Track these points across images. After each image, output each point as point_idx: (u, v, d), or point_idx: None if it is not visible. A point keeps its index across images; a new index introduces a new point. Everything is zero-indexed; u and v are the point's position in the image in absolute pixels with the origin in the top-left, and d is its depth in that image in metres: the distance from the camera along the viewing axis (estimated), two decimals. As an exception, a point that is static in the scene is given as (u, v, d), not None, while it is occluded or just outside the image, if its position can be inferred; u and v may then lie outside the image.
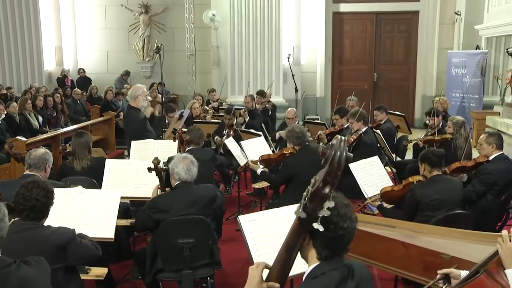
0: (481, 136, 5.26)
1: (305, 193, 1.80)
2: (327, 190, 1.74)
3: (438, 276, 2.55)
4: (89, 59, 14.65)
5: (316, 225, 1.81)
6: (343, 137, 1.77)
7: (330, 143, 1.78)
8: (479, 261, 2.38)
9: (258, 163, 5.73)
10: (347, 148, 1.76)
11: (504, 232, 2.31)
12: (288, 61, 11.13)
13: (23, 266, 2.37)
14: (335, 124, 7.40)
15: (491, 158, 5.05)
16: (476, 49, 12.27)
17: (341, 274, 1.96)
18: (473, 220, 4.35)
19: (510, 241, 2.23)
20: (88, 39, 14.63)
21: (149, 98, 7.03)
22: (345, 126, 7.10)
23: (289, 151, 5.43)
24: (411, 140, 7.30)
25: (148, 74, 14.40)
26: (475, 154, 5.69)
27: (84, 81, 14.07)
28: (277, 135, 7.93)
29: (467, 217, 4.32)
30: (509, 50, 6.56)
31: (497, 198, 4.88)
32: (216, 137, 7.77)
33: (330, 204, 1.75)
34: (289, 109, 8.08)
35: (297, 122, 7.69)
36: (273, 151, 6.30)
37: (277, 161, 5.74)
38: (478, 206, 4.90)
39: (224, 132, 7.58)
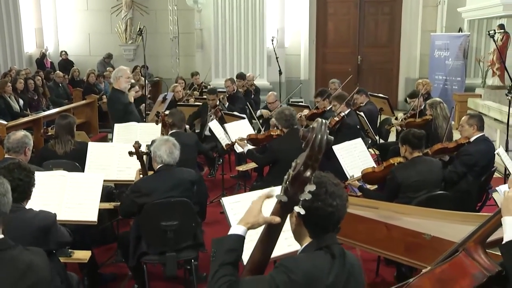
0: (462, 118, 5.31)
1: (286, 177, 1.80)
2: (308, 173, 1.74)
3: None
4: (71, 41, 14.44)
5: (297, 208, 1.81)
6: (324, 120, 1.77)
7: (311, 126, 1.77)
8: (458, 240, 2.42)
9: (246, 141, 5.72)
10: (328, 131, 1.75)
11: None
12: (272, 43, 11.08)
13: (27, 252, 2.34)
14: (318, 107, 7.41)
15: (472, 139, 5.10)
16: (459, 32, 12.33)
17: (335, 251, 1.98)
18: (454, 200, 4.41)
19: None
20: (69, 21, 14.39)
21: (132, 80, 6.95)
22: (328, 108, 7.11)
23: (276, 133, 5.43)
24: (393, 124, 7.33)
25: (131, 57, 14.25)
26: (456, 135, 5.75)
27: (66, 63, 13.89)
28: (258, 112, 7.94)
29: (448, 197, 4.38)
30: (490, 32, 6.59)
31: (477, 179, 4.95)
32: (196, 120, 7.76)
33: (311, 187, 1.75)
34: (269, 93, 8.06)
35: (279, 105, 7.68)
36: (258, 130, 6.31)
37: (264, 142, 5.74)
38: (459, 187, 4.96)
39: (209, 113, 7.57)
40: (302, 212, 1.83)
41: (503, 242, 2.20)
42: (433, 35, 12.65)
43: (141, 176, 4.24)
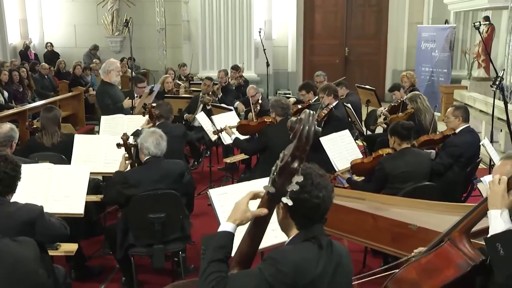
0: (448, 109, 5.35)
1: (274, 168, 1.80)
2: (295, 164, 1.74)
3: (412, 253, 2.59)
4: (56, 33, 14.28)
5: (285, 200, 1.82)
6: (311, 111, 1.77)
7: (299, 117, 1.77)
8: (444, 230, 2.45)
9: (235, 129, 5.71)
10: (315, 122, 1.75)
11: (496, 176, 2.35)
12: (260, 35, 11.05)
13: (14, 244, 2.32)
14: (303, 101, 7.39)
15: (457, 130, 5.14)
16: (445, 24, 12.39)
17: (322, 241, 1.98)
18: (440, 191, 4.45)
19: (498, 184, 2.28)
20: (54, 12, 14.23)
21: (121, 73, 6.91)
22: (313, 101, 7.12)
23: (270, 120, 5.44)
24: (377, 124, 7.23)
25: (117, 49, 14.14)
26: (442, 127, 5.79)
27: (51, 55, 13.74)
28: (236, 104, 7.93)
29: (434, 188, 4.41)
30: (475, 24, 6.62)
31: (463, 170, 4.99)
32: (186, 114, 7.74)
33: (299, 178, 1.75)
34: (249, 86, 8.05)
35: (260, 97, 7.67)
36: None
37: (255, 129, 5.74)
38: (445, 178, 4.99)
39: (200, 99, 7.57)
40: (290, 203, 1.83)
41: (488, 235, 2.23)
42: (419, 27, 12.70)
43: (127, 162, 4.22)
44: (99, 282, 4.40)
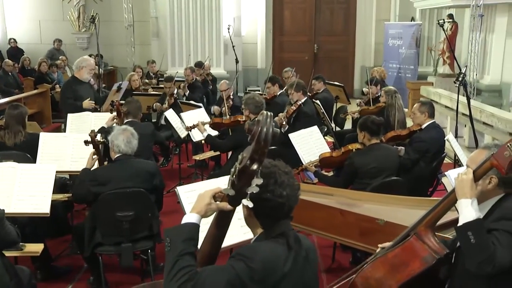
0: (414, 105, 5.44)
1: (233, 170, 1.78)
2: (254, 167, 1.72)
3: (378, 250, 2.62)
4: (20, 28, 13.92)
5: (245, 202, 1.80)
6: (269, 113, 1.74)
7: (256, 119, 1.75)
8: (410, 224, 2.49)
9: (207, 126, 5.68)
10: (274, 124, 1.73)
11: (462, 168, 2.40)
12: (229, 32, 11.02)
13: None
14: (268, 93, 7.43)
15: (423, 126, 5.23)
16: (411, 21, 12.59)
17: (290, 238, 1.97)
18: (407, 186, 4.52)
19: (465, 175, 2.32)
20: (17, 7, 13.86)
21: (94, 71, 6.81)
22: (278, 94, 7.16)
23: (243, 119, 5.40)
24: (348, 113, 7.41)
25: (84, 46, 13.87)
26: (409, 123, 5.88)
27: (15, 51, 13.39)
28: (212, 109, 7.88)
29: (402, 183, 4.48)
30: (439, 21, 6.75)
31: (429, 165, 5.08)
32: (155, 103, 7.66)
33: (258, 181, 1.73)
34: (221, 81, 8.03)
35: (232, 93, 7.66)
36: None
37: (228, 126, 5.71)
38: (412, 173, 5.08)
39: (165, 101, 7.51)
40: (250, 205, 1.82)
41: (459, 224, 2.27)
42: (386, 24, 12.88)
43: (94, 157, 4.17)
44: (67, 282, 4.33)
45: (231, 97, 7.50)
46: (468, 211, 2.25)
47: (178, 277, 1.84)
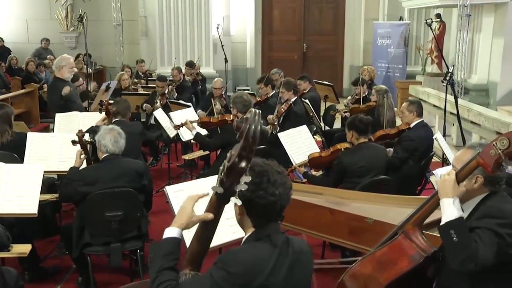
0: (402, 105, 5.47)
1: (221, 168, 1.78)
2: (243, 164, 1.72)
3: None
4: (6, 27, 13.79)
5: (234, 199, 1.80)
6: (257, 111, 1.75)
7: (245, 116, 1.75)
8: (398, 223, 2.50)
9: (196, 124, 5.66)
10: (262, 121, 1.74)
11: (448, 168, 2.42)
12: (218, 31, 11.01)
13: None
14: (261, 94, 7.43)
15: (412, 125, 5.26)
16: (400, 20, 12.66)
17: (277, 240, 1.98)
18: (396, 185, 4.54)
19: (448, 175, 2.35)
20: (3, 5, 13.75)
21: (75, 69, 6.75)
22: (271, 95, 7.16)
23: (231, 118, 5.38)
24: (338, 110, 7.44)
25: (73, 45, 13.79)
26: (398, 122, 5.91)
27: (2, 50, 13.28)
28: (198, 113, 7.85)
29: (390, 182, 4.50)
30: (427, 21, 6.80)
31: (418, 164, 5.11)
32: (145, 104, 7.64)
33: (247, 178, 1.74)
34: (216, 79, 8.01)
35: (224, 91, 7.66)
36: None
37: (216, 125, 5.70)
38: (401, 171, 5.10)
39: (155, 100, 7.48)
40: (239, 203, 1.83)
41: (441, 224, 2.30)
42: (375, 23, 12.93)
43: (82, 157, 4.15)
44: (55, 282, 4.30)
45: (224, 96, 7.49)
46: (450, 210, 2.28)
47: None
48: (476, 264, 2.19)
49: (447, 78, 5.79)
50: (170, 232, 1.99)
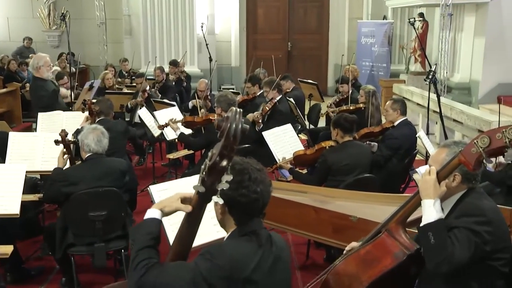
0: (386, 103, 5.50)
1: (203, 167, 1.78)
2: (224, 163, 1.72)
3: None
4: (-14, 26, 13.63)
5: (216, 198, 1.80)
6: (238, 109, 1.74)
7: (225, 115, 1.75)
8: (382, 221, 2.52)
9: (180, 124, 5.64)
10: (243, 120, 1.73)
11: (427, 168, 2.44)
12: (202, 30, 10.98)
13: None
14: (248, 93, 7.42)
15: (396, 123, 5.29)
16: (383, 19, 12.73)
17: (261, 236, 1.99)
18: (380, 183, 4.57)
19: (428, 175, 2.36)
20: (-17, 3, 13.57)
21: (56, 68, 6.68)
22: (258, 94, 7.15)
23: (215, 118, 5.36)
24: (326, 112, 7.38)
25: (55, 44, 13.64)
26: (383, 120, 5.94)
27: (-18, 49, 13.11)
28: (190, 104, 7.84)
29: (374, 180, 4.53)
30: (410, 20, 6.85)
31: (401, 162, 5.15)
32: (131, 100, 7.59)
33: (228, 177, 1.74)
34: (200, 80, 7.98)
35: (209, 92, 7.63)
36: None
37: (200, 124, 5.69)
38: (385, 169, 5.13)
39: (138, 97, 7.45)
40: (221, 202, 1.83)
41: (421, 224, 2.32)
42: (359, 22, 12.99)
43: (65, 157, 4.11)
44: (38, 284, 4.26)
45: (209, 97, 7.47)
46: (430, 212, 2.30)
47: (137, 270, 1.89)
48: (450, 266, 2.24)
49: (430, 76, 5.82)
50: (150, 213, 2.02)
